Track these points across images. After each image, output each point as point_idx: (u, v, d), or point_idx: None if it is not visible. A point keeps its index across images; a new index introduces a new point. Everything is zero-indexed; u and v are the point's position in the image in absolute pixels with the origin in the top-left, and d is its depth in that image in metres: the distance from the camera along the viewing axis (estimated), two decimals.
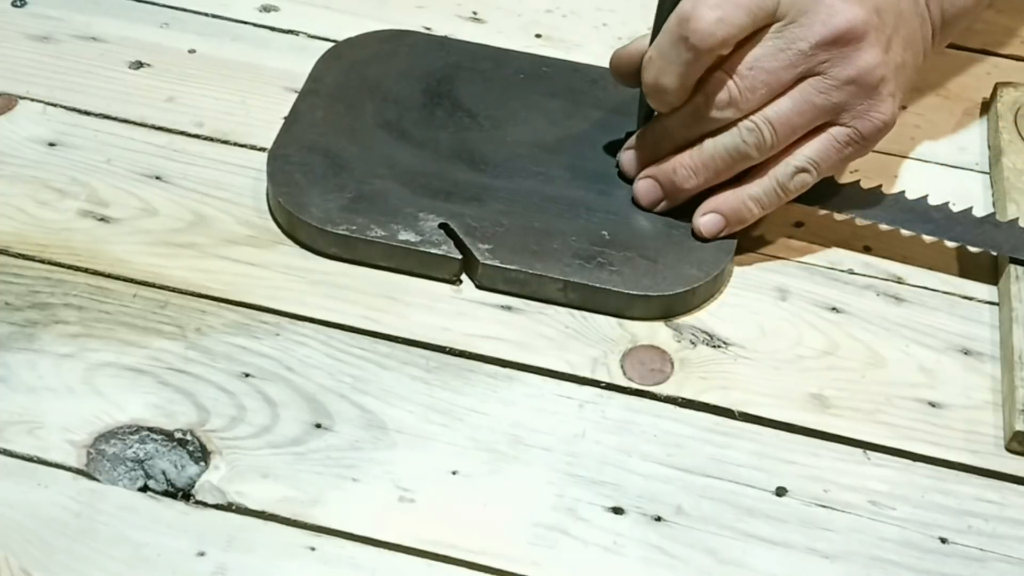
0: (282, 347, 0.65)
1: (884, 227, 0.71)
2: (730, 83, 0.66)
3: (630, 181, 0.71)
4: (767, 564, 0.58)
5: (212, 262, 0.68)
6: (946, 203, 0.71)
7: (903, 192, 0.72)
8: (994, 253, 0.70)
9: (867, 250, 0.72)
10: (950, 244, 0.71)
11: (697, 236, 0.69)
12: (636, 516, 0.59)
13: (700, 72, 0.66)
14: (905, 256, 0.72)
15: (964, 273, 0.71)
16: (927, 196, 0.72)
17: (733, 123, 0.67)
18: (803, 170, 0.68)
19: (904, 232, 0.71)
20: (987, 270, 0.71)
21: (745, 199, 0.68)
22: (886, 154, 0.77)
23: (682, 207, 0.70)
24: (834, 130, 0.67)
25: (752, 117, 0.66)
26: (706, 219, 0.69)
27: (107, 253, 0.68)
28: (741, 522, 0.60)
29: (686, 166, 0.68)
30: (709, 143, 0.68)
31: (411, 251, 0.68)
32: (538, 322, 0.67)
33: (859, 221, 0.71)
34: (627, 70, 0.70)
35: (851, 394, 0.65)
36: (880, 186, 0.71)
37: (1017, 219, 0.71)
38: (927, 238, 0.71)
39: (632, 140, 0.71)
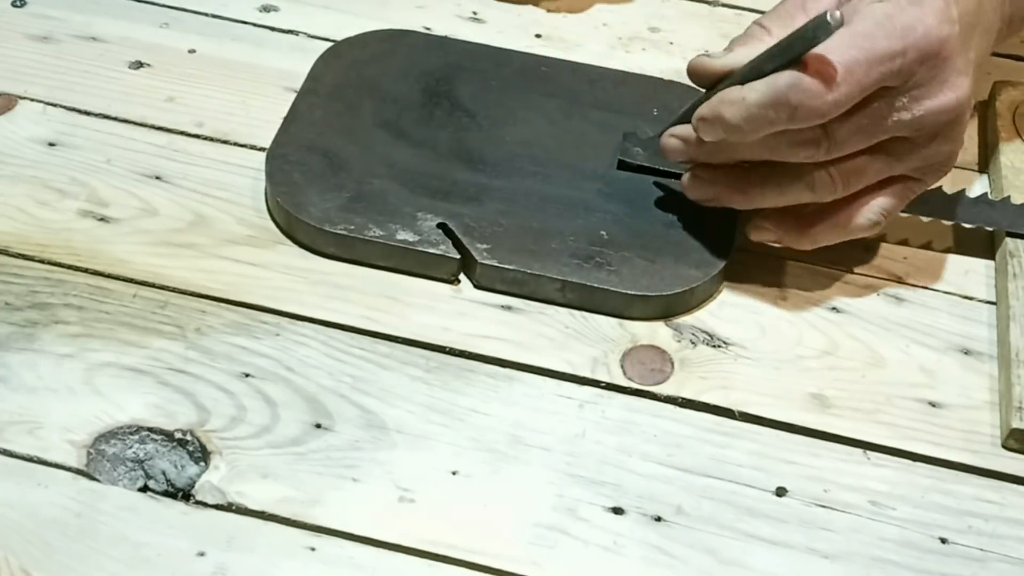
0: (282, 347, 0.65)
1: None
2: (823, 143, 0.63)
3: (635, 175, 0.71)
4: (767, 564, 0.58)
5: (212, 262, 0.68)
6: (939, 187, 0.71)
7: None
8: (990, 229, 0.71)
9: (867, 250, 0.72)
10: (947, 223, 0.72)
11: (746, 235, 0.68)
12: (636, 516, 0.59)
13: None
14: (905, 256, 0.72)
15: (960, 248, 0.72)
16: None
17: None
18: (876, 223, 0.67)
19: (901, 214, 0.71)
20: (985, 247, 0.71)
21: (811, 236, 0.67)
22: None
23: (683, 207, 0.70)
24: (911, 183, 0.66)
25: (830, 168, 0.64)
26: (759, 230, 0.68)
27: (107, 253, 0.68)
28: (741, 522, 0.60)
29: (744, 191, 0.66)
30: (776, 178, 0.65)
31: (409, 251, 0.68)
32: (538, 322, 0.67)
33: None
34: (706, 81, 0.67)
35: (851, 394, 0.65)
36: None
37: (1009, 196, 0.71)
38: (924, 219, 0.71)
39: (683, 129, 0.68)
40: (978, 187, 0.76)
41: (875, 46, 0.61)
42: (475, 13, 0.85)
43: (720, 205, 0.68)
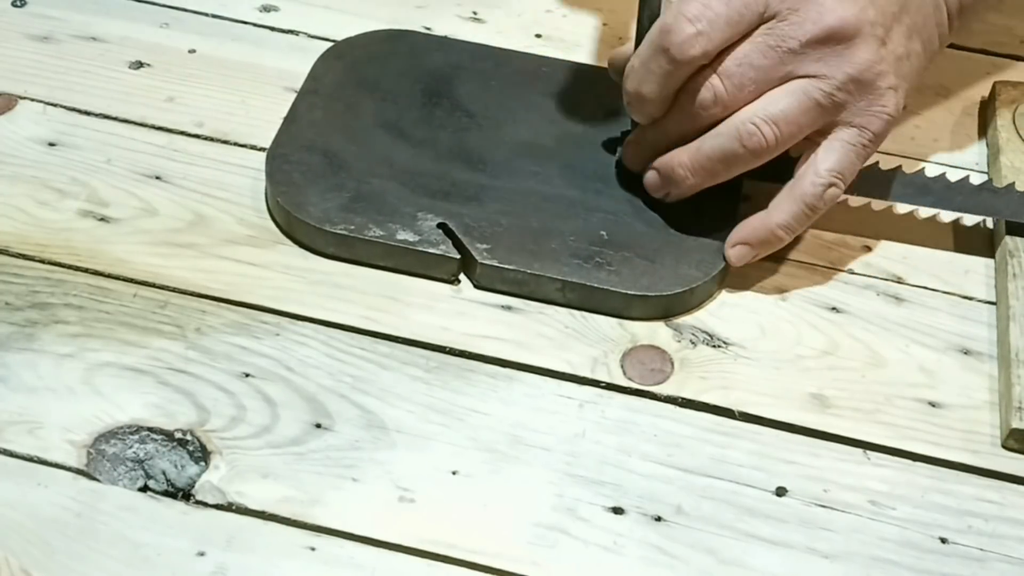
0: (282, 347, 0.65)
1: (883, 204, 0.71)
2: (715, 80, 0.65)
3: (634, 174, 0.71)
4: (767, 564, 0.58)
5: (212, 262, 0.68)
6: (943, 174, 0.71)
7: (899, 167, 0.72)
8: (992, 219, 0.71)
9: (867, 250, 0.72)
10: (948, 217, 0.71)
11: (728, 262, 0.69)
12: (636, 516, 0.59)
13: (680, 82, 0.66)
14: (905, 256, 0.72)
15: (960, 248, 0.72)
16: (924, 169, 0.72)
17: (729, 124, 0.66)
18: (831, 184, 0.67)
19: (901, 208, 0.71)
20: (985, 245, 0.71)
21: (773, 228, 0.67)
22: (885, 153, 0.77)
23: (684, 207, 0.70)
24: (844, 134, 0.66)
25: (752, 118, 0.66)
26: (735, 251, 0.68)
27: (107, 253, 0.68)
28: (741, 522, 0.60)
29: (683, 165, 0.68)
30: (707, 143, 0.67)
31: (409, 251, 0.68)
32: (538, 322, 0.67)
33: (853, 201, 0.71)
34: (622, 70, 0.70)
35: (851, 394, 0.65)
36: (877, 163, 0.71)
37: (1014, 183, 0.71)
38: (925, 212, 0.71)
39: (632, 135, 0.71)
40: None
41: None
42: (475, 13, 0.85)
43: (688, 191, 0.69)
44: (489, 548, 0.58)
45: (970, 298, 0.70)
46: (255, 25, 0.82)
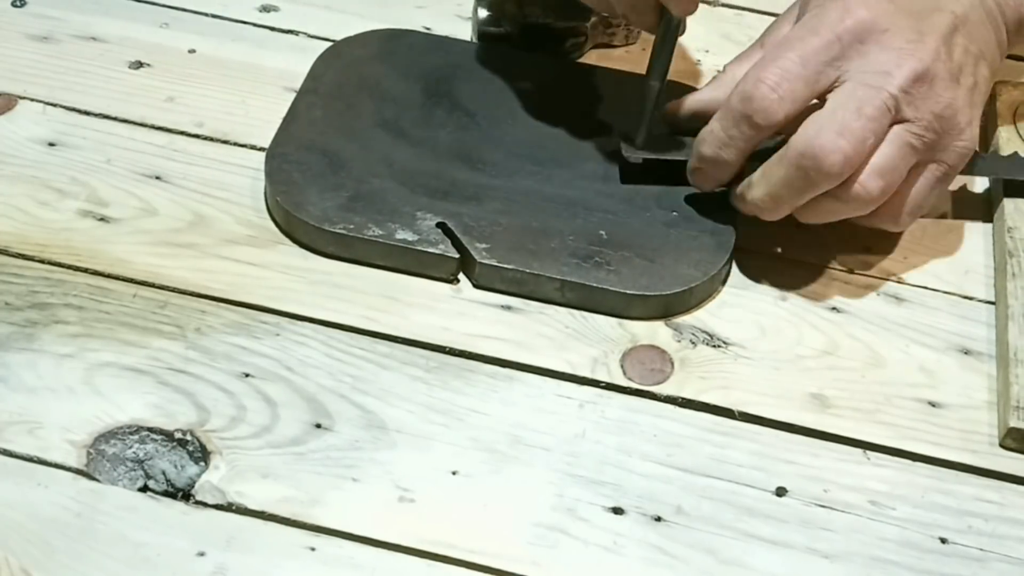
0: (282, 347, 0.65)
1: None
2: (841, 143, 0.64)
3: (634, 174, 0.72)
4: (767, 564, 0.58)
5: (212, 262, 0.68)
6: None
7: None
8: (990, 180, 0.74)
9: (867, 250, 0.72)
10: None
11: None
12: (636, 516, 0.59)
13: (759, 144, 0.66)
14: (905, 256, 0.72)
15: (960, 246, 0.72)
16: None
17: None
18: (910, 214, 0.68)
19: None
20: (985, 243, 0.71)
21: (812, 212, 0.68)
22: None
23: (683, 206, 0.70)
24: (928, 169, 0.67)
25: (859, 178, 0.65)
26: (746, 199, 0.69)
27: (107, 253, 0.68)
28: (741, 522, 0.60)
29: (789, 217, 0.68)
30: (810, 207, 0.67)
31: (409, 250, 0.68)
32: (538, 322, 0.67)
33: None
34: (686, 120, 0.71)
35: (851, 394, 0.65)
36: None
37: (1016, 152, 0.73)
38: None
39: (698, 164, 0.69)
40: (978, 186, 0.76)
41: (806, 42, 0.65)
42: None
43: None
44: (489, 548, 0.58)
45: (970, 298, 0.70)
46: (255, 25, 0.82)
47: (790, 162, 0.65)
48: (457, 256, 0.68)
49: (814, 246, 0.72)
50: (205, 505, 0.58)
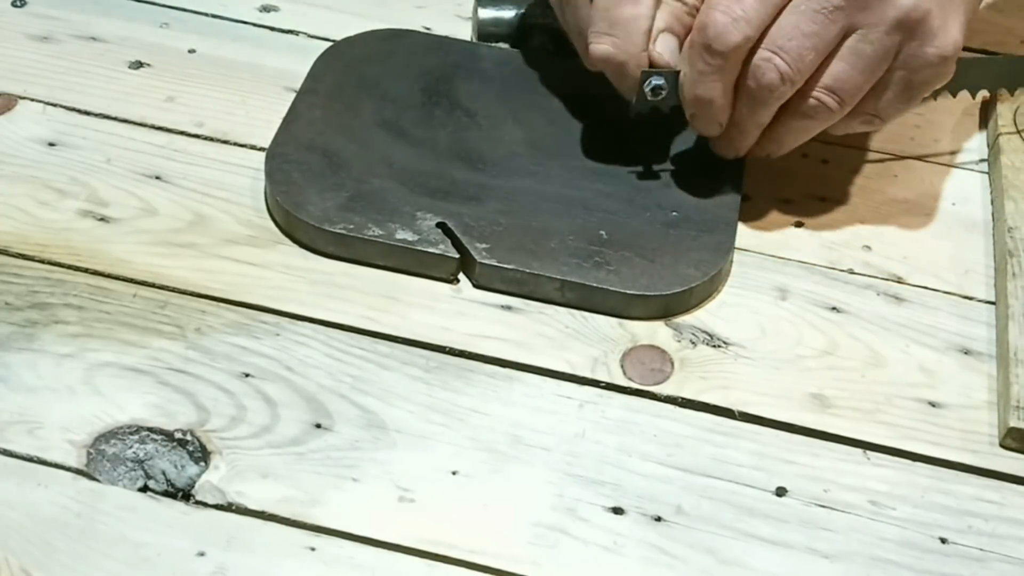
0: (282, 347, 0.65)
1: (883, 201, 0.73)
2: (776, 60, 0.65)
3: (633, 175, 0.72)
4: (767, 564, 0.58)
5: (212, 262, 0.68)
6: None
7: None
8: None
9: (867, 250, 0.72)
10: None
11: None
12: (636, 516, 0.59)
13: (733, 76, 0.66)
14: (905, 256, 0.72)
15: (960, 246, 0.71)
16: None
17: (796, 99, 0.66)
18: (866, 122, 0.68)
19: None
20: (985, 241, 0.71)
21: (774, 137, 0.69)
22: (886, 154, 0.77)
23: (683, 206, 0.70)
24: (894, 77, 0.66)
25: (813, 92, 0.66)
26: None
27: (107, 253, 0.68)
28: (741, 522, 0.60)
29: (768, 150, 0.70)
30: (780, 129, 0.68)
31: (408, 250, 0.68)
32: (538, 322, 0.67)
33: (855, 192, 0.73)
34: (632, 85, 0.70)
35: (851, 394, 0.65)
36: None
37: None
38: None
39: (714, 140, 0.71)
40: (978, 186, 0.76)
41: None
42: None
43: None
44: (489, 548, 0.58)
45: (970, 298, 0.70)
46: (255, 25, 0.83)
47: (693, 50, 0.66)
48: (457, 256, 0.68)
49: (814, 246, 0.72)
50: (205, 505, 0.58)
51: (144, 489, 0.59)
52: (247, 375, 0.63)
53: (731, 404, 0.64)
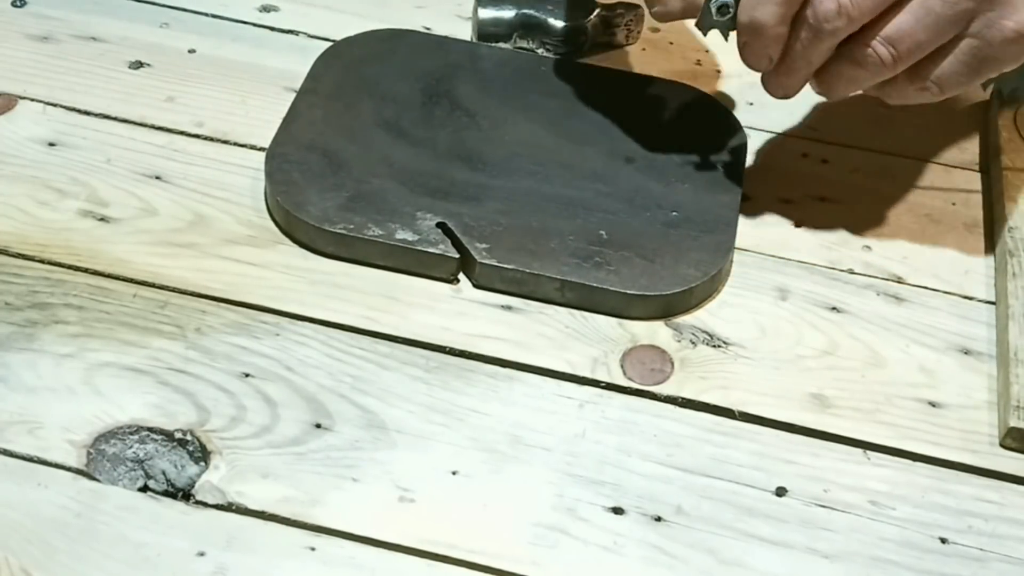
0: (282, 347, 0.65)
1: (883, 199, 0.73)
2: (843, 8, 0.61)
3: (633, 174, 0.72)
4: (767, 564, 0.58)
5: (212, 262, 0.68)
6: None
7: None
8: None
9: (867, 250, 0.72)
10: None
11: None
12: (636, 516, 0.59)
13: (795, 6, 0.63)
14: (905, 256, 0.72)
15: (961, 247, 0.71)
16: None
17: (846, 50, 0.63)
18: (924, 89, 0.64)
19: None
20: (986, 241, 0.71)
21: (825, 80, 0.66)
22: (886, 154, 0.77)
23: (683, 207, 0.70)
24: (962, 45, 0.62)
25: (871, 41, 0.62)
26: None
27: (107, 253, 0.68)
28: (741, 522, 0.60)
29: (818, 92, 0.67)
30: (831, 72, 0.65)
31: (408, 250, 0.68)
32: (538, 322, 0.67)
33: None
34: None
35: (851, 394, 0.65)
36: None
37: None
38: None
39: (764, 76, 0.67)
40: (978, 186, 0.76)
41: None
42: None
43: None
44: (489, 548, 0.58)
45: (970, 298, 0.70)
46: (255, 25, 0.83)
47: None
48: (457, 256, 0.68)
49: (814, 246, 0.72)
50: (205, 505, 0.58)
51: (144, 489, 0.59)
52: (247, 375, 0.63)
53: (731, 404, 0.64)
